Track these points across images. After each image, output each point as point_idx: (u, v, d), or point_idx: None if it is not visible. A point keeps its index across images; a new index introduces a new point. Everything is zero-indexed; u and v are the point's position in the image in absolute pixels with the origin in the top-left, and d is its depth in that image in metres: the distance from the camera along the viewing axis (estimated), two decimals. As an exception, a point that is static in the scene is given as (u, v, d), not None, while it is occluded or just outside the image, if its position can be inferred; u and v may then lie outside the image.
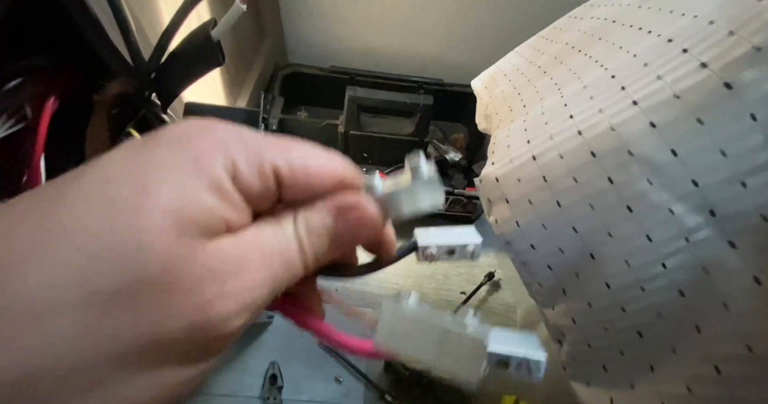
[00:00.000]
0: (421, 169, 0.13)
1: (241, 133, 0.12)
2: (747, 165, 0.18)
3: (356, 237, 0.13)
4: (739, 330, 0.18)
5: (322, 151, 0.13)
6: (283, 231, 0.12)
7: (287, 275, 0.12)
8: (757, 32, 0.17)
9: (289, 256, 0.12)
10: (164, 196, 0.10)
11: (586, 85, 0.26)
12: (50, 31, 0.35)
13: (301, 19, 0.93)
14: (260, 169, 0.11)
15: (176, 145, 0.11)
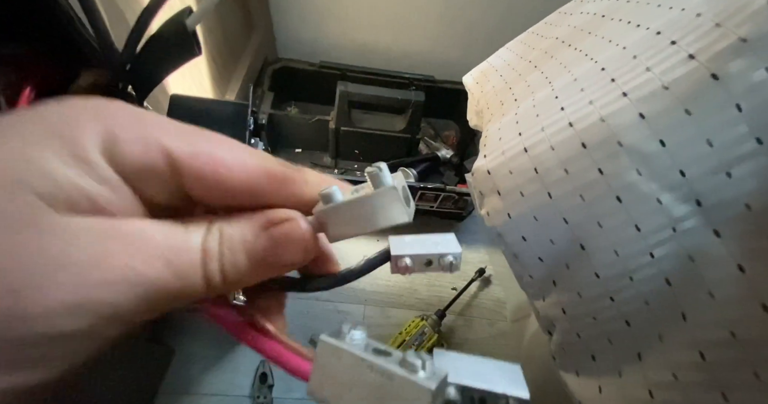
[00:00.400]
0: (382, 177, 0.11)
1: (137, 111, 0.10)
2: (732, 154, 0.18)
3: (283, 259, 0.11)
4: (723, 317, 0.18)
5: (244, 147, 0.11)
6: (186, 236, 0.10)
7: (175, 287, 0.10)
8: (743, 24, 0.17)
9: (183, 265, 0.10)
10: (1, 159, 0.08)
11: (577, 78, 0.26)
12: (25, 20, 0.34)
13: (291, 12, 0.92)
14: (146, 146, 0.10)
15: (43, 111, 0.09)
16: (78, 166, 0.09)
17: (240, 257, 0.11)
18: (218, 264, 0.10)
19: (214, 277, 0.10)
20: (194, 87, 0.66)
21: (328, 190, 0.12)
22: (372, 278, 0.82)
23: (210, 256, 0.10)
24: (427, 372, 0.10)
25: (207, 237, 0.11)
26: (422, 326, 0.72)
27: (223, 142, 0.11)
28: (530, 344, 0.63)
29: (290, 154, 0.95)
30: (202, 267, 0.10)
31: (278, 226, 0.11)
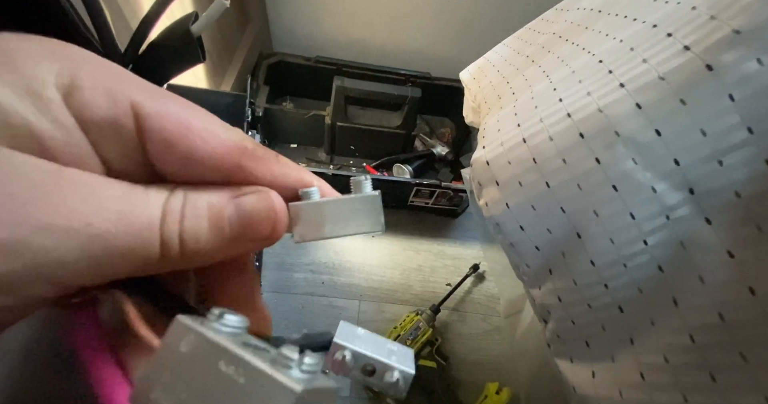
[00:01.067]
0: (364, 186, 0.12)
1: (104, 61, 0.09)
2: (724, 143, 0.19)
3: (251, 232, 0.10)
4: (713, 301, 0.19)
5: (219, 120, 0.10)
6: (143, 191, 0.09)
7: (126, 246, 0.08)
8: (736, 16, 0.18)
9: (138, 221, 0.09)
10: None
11: (575, 70, 0.26)
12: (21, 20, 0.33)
13: (287, 6, 0.91)
14: (112, 95, 0.09)
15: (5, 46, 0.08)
16: (29, 99, 0.08)
17: (203, 224, 0.10)
18: (178, 227, 0.09)
19: (171, 242, 0.09)
20: (188, 78, 0.66)
21: (309, 189, 0.11)
22: (366, 274, 0.82)
23: (170, 218, 0.09)
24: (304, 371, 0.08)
25: (170, 198, 0.09)
26: (417, 321, 0.72)
27: (198, 109, 0.10)
28: (522, 338, 0.64)
29: (285, 148, 0.94)
30: (160, 228, 0.09)
31: (249, 196, 0.10)
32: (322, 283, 0.79)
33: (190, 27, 0.29)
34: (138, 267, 0.09)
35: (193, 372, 0.08)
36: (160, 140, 0.09)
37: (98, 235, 0.08)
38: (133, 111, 0.09)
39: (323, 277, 0.79)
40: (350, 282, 0.80)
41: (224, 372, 0.08)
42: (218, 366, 0.08)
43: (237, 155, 0.10)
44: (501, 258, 0.71)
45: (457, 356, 0.75)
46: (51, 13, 0.33)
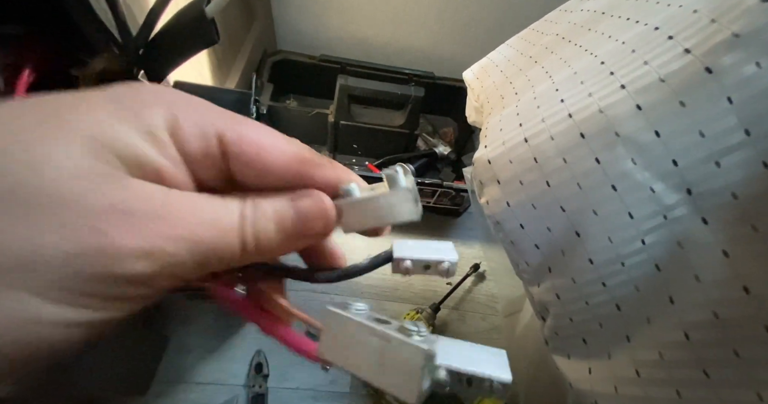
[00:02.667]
0: (398, 179, 0.12)
1: (192, 98, 0.12)
2: (722, 145, 0.19)
3: (307, 229, 0.13)
4: (708, 299, 0.19)
5: (281, 135, 0.13)
6: (225, 203, 0.12)
7: (217, 246, 0.11)
8: (736, 20, 0.18)
9: (224, 227, 0.11)
10: (84, 125, 0.10)
11: (577, 72, 0.27)
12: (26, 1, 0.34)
13: (291, 4, 0.91)
14: (203, 130, 0.11)
15: (118, 94, 0.11)
16: (151, 141, 0.11)
17: (270, 225, 0.12)
18: (252, 229, 0.12)
19: (248, 241, 0.12)
20: (194, 75, 0.66)
21: (348, 186, 0.13)
22: (367, 271, 0.83)
23: (246, 221, 0.12)
24: (421, 337, 0.12)
25: (244, 205, 0.12)
26: (417, 319, 0.73)
27: (265, 129, 0.13)
28: (521, 338, 0.64)
29: (289, 146, 0.94)
30: (240, 229, 0.11)
31: (304, 198, 0.13)
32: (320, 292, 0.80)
33: (205, 9, 0.30)
34: (225, 262, 0.11)
35: (351, 342, 0.12)
36: (240, 160, 0.12)
37: (201, 241, 0.11)
38: (219, 140, 0.12)
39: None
40: (351, 280, 0.81)
41: (372, 341, 0.12)
42: (367, 338, 0.12)
43: (298, 165, 0.13)
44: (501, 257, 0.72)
45: (456, 354, 0.75)
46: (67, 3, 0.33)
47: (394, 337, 0.12)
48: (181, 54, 0.36)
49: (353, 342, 0.12)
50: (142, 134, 0.10)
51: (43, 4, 0.34)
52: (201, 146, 0.11)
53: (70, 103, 0.10)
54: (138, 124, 0.10)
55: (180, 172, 0.11)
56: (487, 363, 0.13)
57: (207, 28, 0.30)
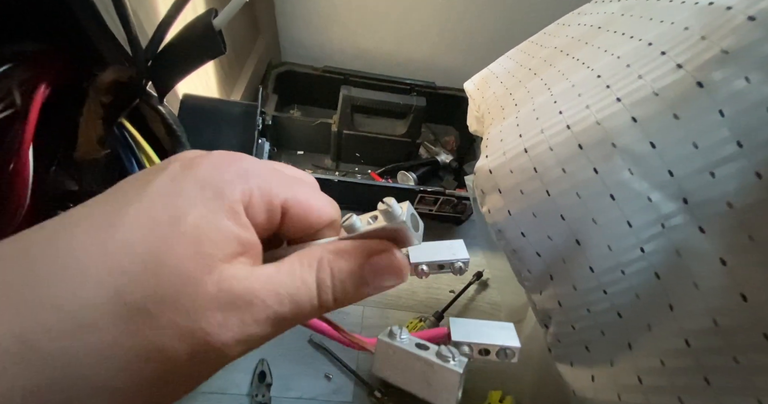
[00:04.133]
0: (393, 214, 0.13)
1: (261, 166, 0.13)
2: (715, 156, 0.19)
3: (384, 282, 0.14)
4: (707, 306, 0.20)
5: (322, 194, 0.15)
6: (302, 275, 0.13)
7: (296, 316, 0.12)
8: (725, 37, 0.19)
9: (303, 300, 0.12)
10: (190, 222, 0.11)
11: (574, 84, 0.28)
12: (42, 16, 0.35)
13: (296, 18, 0.94)
14: (270, 202, 0.13)
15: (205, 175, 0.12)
16: (233, 219, 0.12)
17: (349, 285, 0.13)
18: (332, 294, 0.13)
19: (327, 303, 0.13)
20: (201, 87, 0.68)
21: (349, 221, 0.14)
22: (371, 279, 0.83)
23: (323, 290, 0.13)
24: (456, 361, 0.15)
25: (320, 274, 0.13)
26: (420, 327, 0.73)
27: (311, 192, 0.14)
28: (525, 346, 0.64)
29: (292, 155, 0.96)
30: (318, 297, 0.13)
31: (379, 256, 0.14)
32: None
33: (213, 21, 0.31)
34: (305, 320, 0.13)
35: (401, 365, 0.15)
36: (293, 221, 0.14)
37: (284, 318, 0.12)
38: (282, 208, 0.13)
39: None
40: (354, 288, 0.81)
41: (417, 364, 0.15)
42: (413, 362, 0.15)
43: (330, 225, 0.15)
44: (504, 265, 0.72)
45: (460, 363, 0.75)
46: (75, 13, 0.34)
47: (435, 364, 0.15)
48: (189, 65, 0.37)
49: (402, 364, 0.15)
50: (229, 216, 0.12)
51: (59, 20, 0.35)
52: (268, 217, 0.13)
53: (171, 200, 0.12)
54: (226, 205, 0.12)
55: (253, 239, 0.13)
56: (499, 335, 0.17)
57: (214, 40, 0.31)
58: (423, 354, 0.15)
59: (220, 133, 0.41)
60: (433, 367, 0.15)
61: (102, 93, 0.37)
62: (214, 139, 0.41)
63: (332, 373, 0.69)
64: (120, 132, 0.42)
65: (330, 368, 0.69)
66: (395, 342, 0.15)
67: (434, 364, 0.15)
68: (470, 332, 0.17)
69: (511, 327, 0.17)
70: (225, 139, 0.41)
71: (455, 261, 0.16)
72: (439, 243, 0.17)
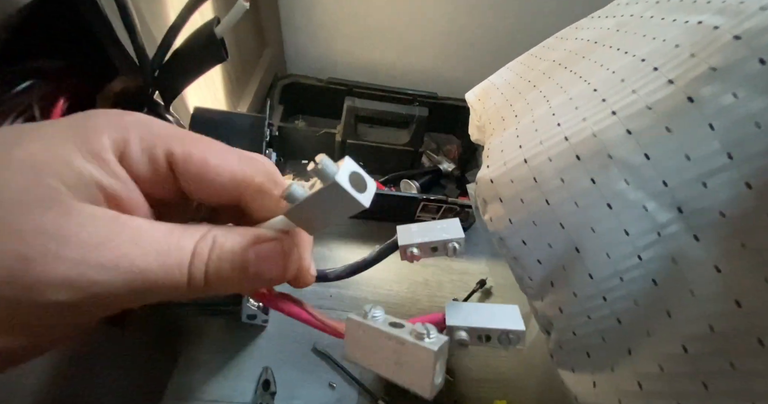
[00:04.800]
0: (325, 172, 0.11)
1: (149, 120, 0.12)
2: (707, 167, 0.20)
3: (262, 272, 0.12)
4: (703, 313, 0.20)
5: (238, 152, 0.13)
6: (181, 236, 0.11)
7: (159, 279, 0.11)
8: (713, 55, 0.20)
9: (170, 262, 0.11)
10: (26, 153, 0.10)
11: (572, 97, 0.29)
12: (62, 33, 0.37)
13: (301, 31, 0.96)
14: (152, 151, 0.12)
15: (71, 120, 0.11)
16: (95, 162, 0.11)
17: (225, 265, 0.12)
18: (203, 267, 0.12)
19: (197, 277, 0.11)
20: (210, 99, 0.70)
21: (288, 190, 0.12)
22: (374, 287, 0.83)
23: (198, 259, 0.11)
24: (432, 338, 0.13)
25: (200, 242, 0.12)
26: (423, 335, 0.73)
27: (217, 148, 0.13)
28: (529, 355, 0.64)
29: (298, 164, 0.97)
30: (189, 266, 0.11)
31: (262, 245, 0.13)
32: (330, 296, 0.80)
33: (214, 29, 0.32)
34: (168, 295, 0.11)
35: (372, 345, 0.13)
36: (187, 178, 0.12)
37: (139, 272, 0.10)
38: (167, 160, 0.12)
39: (331, 290, 0.81)
40: (358, 296, 0.81)
41: (389, 344, 0.13)
42: (385, 342, 0.13)
43: (242, 189, 0.13)
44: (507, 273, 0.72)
45: (464, 372, 0.74)
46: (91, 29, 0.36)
47: (408, 341, 0.13)
48: (193, 72, 0.38)
49: (373, 345, 0.13)
50: (87, 156, 0.11)
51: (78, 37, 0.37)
52: (150, 166, 0.12)
53: (18, 133, 0.11)
54: (84, 147, 0.11)
55: (133, 194, 0.12)
56: (501, 318, 0.14)
57: (217, 47, 0.32)
58: (395, 333, 0.13)
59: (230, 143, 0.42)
60: (405, 345, 0.13)
61: (110, 102, 0.38)
62: (223, 149, 0.42)
63: (336, 382, 0.69)
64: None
65: (334, 377, 0.69)
66: (366, 320, 0.13)
67: (406, 342, 0.13)
68: (468, 315, 0.15)
69: (515, 310, 0.15)
70: (234, 149, 0.42)
71: (449, 241, 0.14)
72: (431, 223, 0.15)
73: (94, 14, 0.35)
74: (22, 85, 0.34)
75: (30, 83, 0.35)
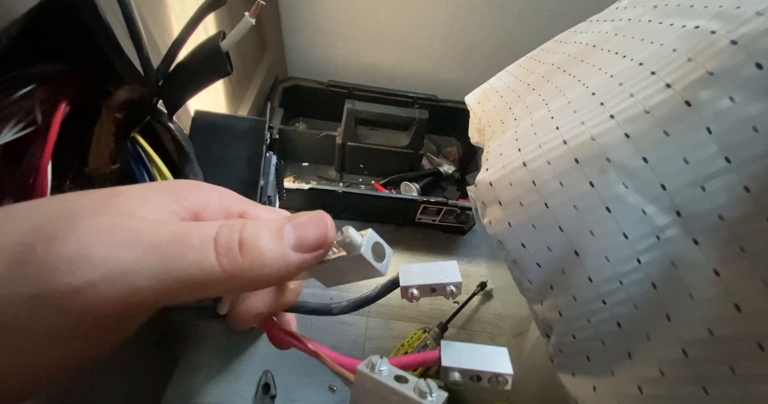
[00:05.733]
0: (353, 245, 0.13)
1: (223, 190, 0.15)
2: (705, 171, 0.20)
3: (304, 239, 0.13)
4: (702, 317, 0.20)
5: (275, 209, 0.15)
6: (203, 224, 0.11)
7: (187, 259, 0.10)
8: (710, 60, 0.20)
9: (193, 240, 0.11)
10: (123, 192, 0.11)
11: (570, 101, 0.29)
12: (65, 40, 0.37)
13: (302, 34, 0.97)
14: (228, 210, 0.14)
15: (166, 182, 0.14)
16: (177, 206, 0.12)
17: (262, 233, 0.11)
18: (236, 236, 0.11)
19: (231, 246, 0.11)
20: (210, 103, 0.70)
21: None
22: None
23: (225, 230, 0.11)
24: (434, 397, 0.14)
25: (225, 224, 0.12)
26: (424, 338, 0.73)
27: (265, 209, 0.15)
28: (529, 357, 0.64)
29: (298, 167, 0.98)
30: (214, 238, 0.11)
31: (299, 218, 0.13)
32: (330, 299, 0.80)
33: (220, 43, 0.33)
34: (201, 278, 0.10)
35: (378, 397, 0.14)
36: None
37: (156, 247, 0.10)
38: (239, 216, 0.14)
39: (331, 294, 0.81)
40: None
41: (394, 398, 0.14)
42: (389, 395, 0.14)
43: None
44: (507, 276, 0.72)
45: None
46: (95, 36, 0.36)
47: (412, 399, 0.14)
48: (197, 84, 0.38)
49: (379, 397, 0.15)
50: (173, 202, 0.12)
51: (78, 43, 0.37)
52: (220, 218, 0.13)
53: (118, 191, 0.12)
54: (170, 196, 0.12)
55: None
56: (491, 360, 0.16)
57: (222, 61, 0.32)
58: (400, 389, 0.14)
59: (231, 147, 0.43)
60: (409, 402, 0.14)
61: (115, 110, 0.38)
62: (224, 153, 0.42)
63: (336, 385, 0.68)
64: (133, 146, 0.43)
65: (334, 380, 0.69)
66: (373, 373, 0.15)
67: (410, 400, 0.14)
68: (462, 357, 0.16)
69: (505, 353, 0.16)
70: (235, 152, 0.42)
71: (447, 285, 0.16)
72: (431, 265, 0.17)
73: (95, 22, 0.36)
74: (23, 90, 0.34)
75: (31, 88, 0.35)
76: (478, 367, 0.15)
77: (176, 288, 0.10)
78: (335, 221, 0.14)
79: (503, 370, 0.15)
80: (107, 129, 0.39)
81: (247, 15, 0.30)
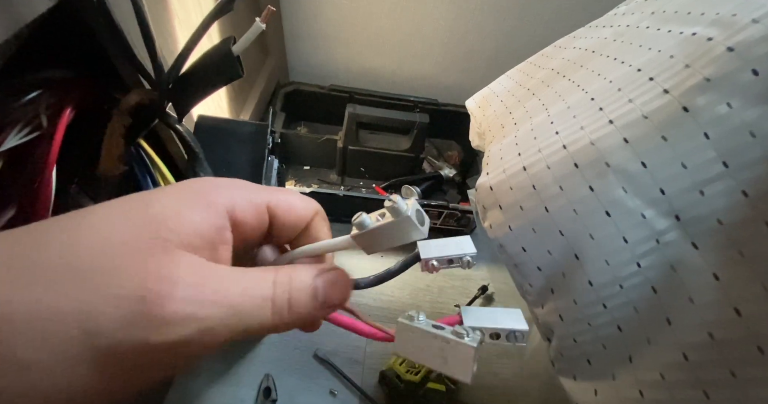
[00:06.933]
0: (399, 209, 0.14)
1: (245, 183, 0.16)
2: (703, 175, 0.21)
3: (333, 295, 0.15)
4: (702, 320, 0.20)
5: (300, 194, 0.17)
6: (260, 274, 0.13)
7: (248, 312, 0.12)
8: (707, 66, 0.20)
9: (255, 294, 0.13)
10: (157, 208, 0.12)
11: (570, 106, 0.29)
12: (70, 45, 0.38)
13: (303, 39, 0.98)
14: (256, 204, 0.15)
15: (187, 185, 0.14)
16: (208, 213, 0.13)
17: (302, 293, 0.14)
18: (286, 295, 0.14)
19: (281, 306, 0.13)
20: (213, 107, 0.71)
21: (359, 219, 0.15)
22: (376, 294, 0.83)
23: (280, 289, 0.14)
24: (470, 337, 0.16)
25: (277, 276, 0.14)
26: (425, 342, 0.73)
27: (289, 192, 0.17)
28: (531, 362, 0.64)
29: (299, 170, 0.98)
30: (273, 294, 0.13)
31: (329, 272, 0.15)
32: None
33: (231, 47, 0.33)
34: (257, 329, 0.13)
35: (420, 344, 0.17)
36: (281, 219, 0.16)
37: (233, 306, 0.12)
38: (269, 209, 0.15)
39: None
40: (359, 302, 0.81)
41: (435, 342, 0.16)
42: (431, 341, 0.16)
43: (314, 215, 0.17)
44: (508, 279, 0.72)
45: (466, 379, 0.74)
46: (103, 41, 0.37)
47: (452, 339, 0.16)
48: (208, 88, 0.39)
49: (421, 343, 0.17)
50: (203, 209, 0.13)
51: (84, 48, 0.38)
52: (258, 216, 0.15)
53: (147, 195, 0.13)
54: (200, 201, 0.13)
55: (225, 249, 0.14)
56: (508, 319, 0.18)
57: (233, 65, 0.33)
58: (440, 333, 0.16)
59: (233, 151, 0.43)
60: (449, 343, 0.16)
61: (125, 113, 0.39)
62: (227, 156, 0.43)
63: (337, 389, 0.68)
64: (137, 152, 0.44)
65: (335, 384, 0.69)
66: (414, 323, 0.17)
67: (450, 341, 0.16)
68: (481, 318, 0.18)
69: (519, 313, 0.18)
70: (237, 156, 0.43)
71: (463, 256, 0.18)
72: (447, 240, 0.19)
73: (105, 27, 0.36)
74: (29, 95, 0.35)
75: (37, 93, 0.35)
76: (497, 325, 0.18)
77: (239, 337, 0.13)
78: (336, 224, 0.16)
79: (519, 327, 0.18)
80: (117, 131, 0.39)
81: (258, 20, 0.31)
